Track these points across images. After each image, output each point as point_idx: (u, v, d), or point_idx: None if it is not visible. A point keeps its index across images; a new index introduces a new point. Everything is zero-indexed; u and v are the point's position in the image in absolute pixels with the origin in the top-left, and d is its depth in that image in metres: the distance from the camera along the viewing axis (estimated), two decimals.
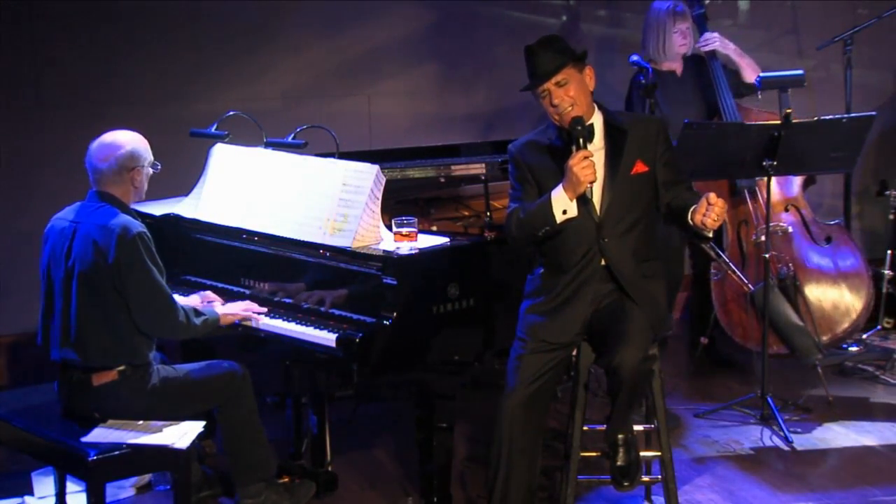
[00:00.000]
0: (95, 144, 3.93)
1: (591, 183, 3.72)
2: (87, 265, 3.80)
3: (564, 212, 3.74)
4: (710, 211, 3.63)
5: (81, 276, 3.81)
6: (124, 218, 3.83)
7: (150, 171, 3.98)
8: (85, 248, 3.81)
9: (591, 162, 3.70)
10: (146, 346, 3.89)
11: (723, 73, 5.32)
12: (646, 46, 5.37)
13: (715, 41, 5.33)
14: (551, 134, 3.90)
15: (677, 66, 5.38)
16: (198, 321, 3.92)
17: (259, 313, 4.08)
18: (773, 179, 4.94)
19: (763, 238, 5.00)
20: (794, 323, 5.12)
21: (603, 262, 3.82)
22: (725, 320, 5.30)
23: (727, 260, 5.19)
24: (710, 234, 3.75)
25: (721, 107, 5.28)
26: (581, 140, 3.74)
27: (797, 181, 5.36)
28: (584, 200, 3.76)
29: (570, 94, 3.79)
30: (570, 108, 3.79)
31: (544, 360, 3.82)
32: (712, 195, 3.65)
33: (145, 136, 4.00)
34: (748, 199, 5.28)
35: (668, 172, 3.89)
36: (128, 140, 3.93)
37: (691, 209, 3.72)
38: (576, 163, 3.69)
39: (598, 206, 3.80)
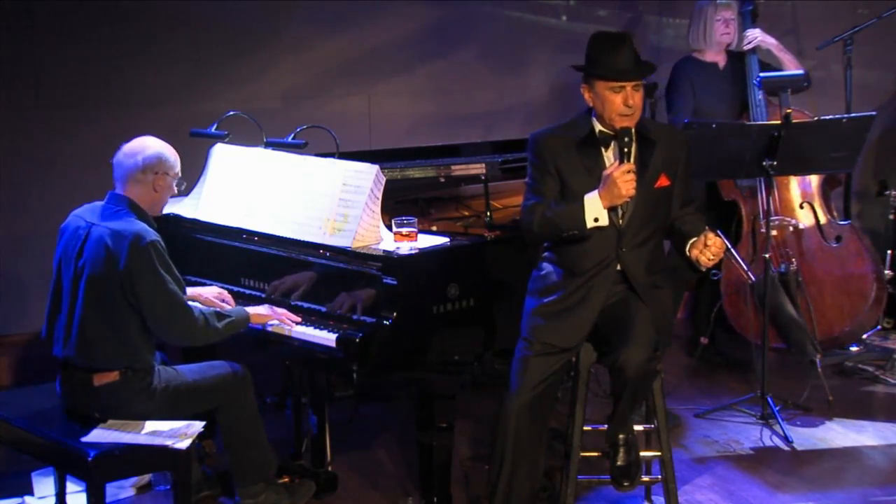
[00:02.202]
0: (127, 144, 3.94)
1: (631, 198, 3.68)
2: (96, 269, 3.79)
3: (596, 219, 3.70)
4: (706, 250, 3.65)
5: (90, 278, 3.80)
6: (139, 225, 3.81)
7: (174, 185, 3.97)
8: (96, 252, 3.80)
9: (634, 176, 3.66)
10: (148, 349, 3.88)
11: (758, 69, 5.35)
12: (690, 34, 5.45)
13: (756, 38, 5.39)
14: (581, 130, 3.81)
15: (720, 59, 5.46)
16: (220, 324, 3.87)
17: (292, 321, 4.00)
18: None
19: (774, 232, 5.02)
20: (791, 317, 5.13)
21: (618, 268, 3.81)
22: (730, 311, 5.32)
23: (734, 252, 5.18)
24: (703, 269, 3.75)
25: (750, 102, 5.31)
26: (626, 151, 3.69)
27: (816, 180, 5.38)
28: (612, 209, 3.73)
29: (639, 100, 3.74)
30: (634, 114, 3.72)
31: (550, 363, 3.80)
32: (711, 234, 3.67)
33: (171, 147, 4.00)
34: (764, 193, 5.27)
35: (682, 189, 3.89)
36: (160, 146, 3.95)
37: (691, 241, 3.73)
38: (620, 175, 3.63)
39: (620, 215, 3.77)
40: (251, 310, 4.00)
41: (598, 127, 3.80)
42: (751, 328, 5.20)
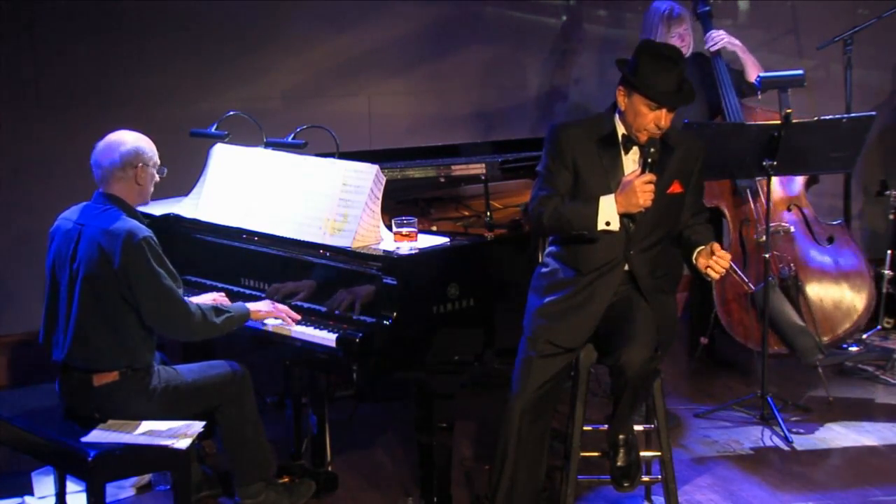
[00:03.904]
0: (101, 143, 3.93)
1: (647, 208, 3.67)
2: (91, 269, 3.79)
3: (608, 223, 3.68)
4: (713, 262, 3.66)
5: (86, 279, 3.80)
6: (130, 222, 3.81)
7: (155, 173, 3.97)
8: (90, 252, 3.80)
9: (653, 187, 3.65)
10: (147, 349, 3.88)
11: (727, 71, 5.31)
12: None
13: (722, 39, 5.32)
14: (604, 129, 3.78)
15: None
16: (219, 320, 3.88)
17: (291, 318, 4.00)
18: (776, 179, 4.93)
19: (764, 237, 5.00)
20: (796, 323, 5.11)
21: (626, 268, 3.80)
22: (726, 319, 5.29)
23: (732, 263, 5.18)
24: (709, 280, 3.77)
25: (724, 106, 5.27)
26: (650, 162, 3.68)
27: (800, 181, 5.36)
28: (625, 215, 3.71)
29: (669, 121, 3.71)
30: (661, 133, 3.71)
31: (553, 364, 3.79)
32: (716, 245, 3.67)
33: (146, 136, 4.00)
34: (750, 199, 5.27)
35: (694, 199, 3.88)
36: (133, 139, 3.93)
37: (697, 250, 3.73)
38: (640, 184, 3.62)
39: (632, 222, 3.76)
40: (251, 305, 4.00)
41: (621, 129, 3.78)
42: (751, 336, 5.19)
